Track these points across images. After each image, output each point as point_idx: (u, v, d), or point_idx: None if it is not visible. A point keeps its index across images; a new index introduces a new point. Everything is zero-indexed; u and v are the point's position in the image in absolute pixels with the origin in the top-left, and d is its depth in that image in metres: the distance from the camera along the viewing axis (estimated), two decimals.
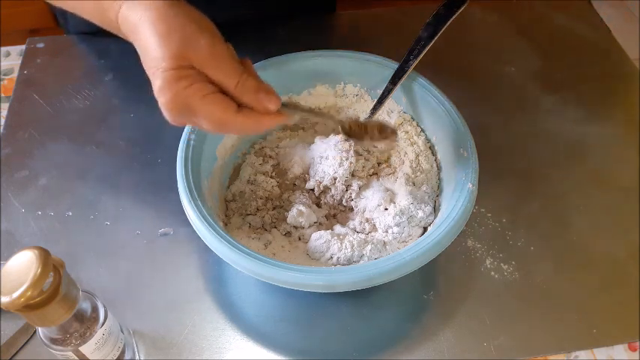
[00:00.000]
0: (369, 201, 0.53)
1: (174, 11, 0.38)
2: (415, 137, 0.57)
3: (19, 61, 0.73)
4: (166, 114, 0.39)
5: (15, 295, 0.32)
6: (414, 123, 0.58)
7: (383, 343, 0.51)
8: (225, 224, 0.53)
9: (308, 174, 0.56)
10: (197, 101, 0.38)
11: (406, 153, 0.57)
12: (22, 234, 0.56)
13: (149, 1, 0.38)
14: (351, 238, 0.49)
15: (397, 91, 0.55)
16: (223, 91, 0.39)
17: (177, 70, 0.37)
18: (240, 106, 0.40)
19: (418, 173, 0.55)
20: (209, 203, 0.49)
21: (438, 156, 0.56)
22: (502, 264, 0.55)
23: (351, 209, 0.55)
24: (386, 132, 0.50)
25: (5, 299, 0.33)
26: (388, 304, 0.53)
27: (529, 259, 0.56)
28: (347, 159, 0.54)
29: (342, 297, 0.53)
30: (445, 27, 0.54)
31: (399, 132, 0.58)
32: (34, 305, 0.34)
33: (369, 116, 0.56)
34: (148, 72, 0.39)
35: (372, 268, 0.43)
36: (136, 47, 0.40)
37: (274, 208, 0.55)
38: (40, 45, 0.75)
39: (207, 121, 0.39)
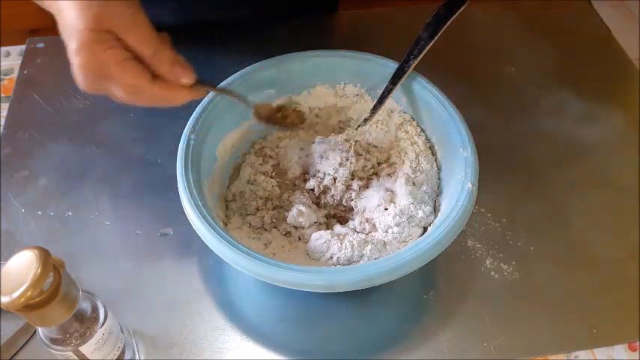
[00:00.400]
0: (369, 201, 0.53)
1: None
2: (415, 137, 0.57)
3: (19, 61, 0.73)
4: (80, 77, 0.39)
5: (15, 295, 0.32)
6: (414, 123, 0.58)
7: (383, 343, 0.51)
8: (225, 224, 0.53)
9: (308, 174, 0.56)
10: (112, 66, 0.38)
11: (406, 153, 0.57)
12: (22, 234, 0.56)
13: None
14: (351, 238, 0.49)
15: (397, 91, 0.55)
16: (139, 60, 0.39)
17: (95, 32, 0.37)
18: (155, 77, 0.40)
19: (418, 173, 0.55)
20: (209, 203, 0.49)
21: (438, 156, 0.56)
22: (502, 264, 0.55)
23: (351, 209, 0.55)
24: (292, 117, 0.54)
25: (5, 299, 0.33)
26: (388, 304, 0.53)
27: (529, 259, 0.56)
28: (347, 159, 0.54)
29: (342, 297, 0.53)
30: (445, 27, 0.54)
31: (399, 132, 0.58)
32: (34, 305, 0.34)
33: (369, 116, 0.56)
34: (64, 35, 0.38)
35: (372, 268, 0.43)
36: (54, 13, 0.39)
37: (274, 208, 0.55)
38: (40, 45, 0.75)
39: (120, 87, 0.39)
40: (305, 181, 0.56)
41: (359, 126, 0.57)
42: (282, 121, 0.57)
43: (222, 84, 0.54)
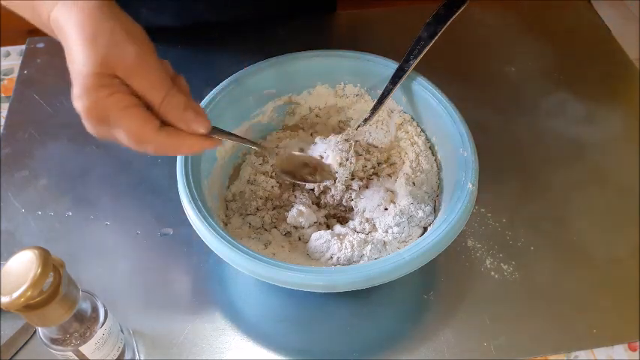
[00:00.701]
0: (369, 201, 0.53)
1: (104, 15, 0.36)
2: (415, 137, 0.57)
3: (19, 61, 0.73)
4: (85, 123, 0.36)
5: (15, 295, 0.32)
6: (414, 123, 0.58)
7: (383, 343, 0.51)
8: (225, 224, 0.53)
9: None
10: (116, 112, 0.35)
11: (406, 153, 0.57)
12: (22, 234, 0.56)
13: (80, 2, 0.36)
14: (351, 238, 0.49)
15: (397, 91, 0.55)
16: (148, 106, 0.37)
17: (99, 77, 0.35)
18: (164, 124, 0.38)
19: (418, 173, 0.55)
20: (209, 203, 0.49)
21: (438, 156, 0.56)
22: (502, 264, 0.55)
23: (351, 209, 0.55)
24: (323, 172, 0.50)
25: (5, 299, 0.33)
26: (388, 304, 0.53)
27: (529, 259, 0.56)
28: (347, 159, 0.54)
29: (342, 297, 0.53)
30: (445, 27, 0.54)
31: (399, 132, 0.58)
32: (34, 305, 0.34)
33: (369, 116, 0.56)
34: (71, 76, 0.36)
35: (372, 268, 0.43)
36: (64, 50, 0.38)
37: (274, 208, 0.55)
38: (40, 45, 0.75)
39: (125, 135, 0.36)
40: None
41: (359, 126, 0.57)
42: (310, 177, 0.53)
43: (222, 83, 0.54)
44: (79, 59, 0.35)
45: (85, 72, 0.35)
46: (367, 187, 0.55)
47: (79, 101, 0.35)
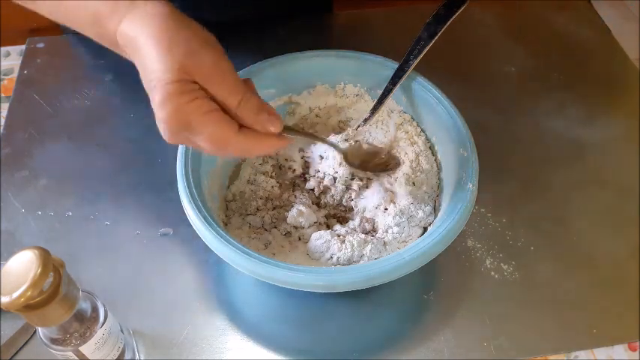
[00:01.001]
0: (369, 201, 0.53)
1: (177, 25, 0.37)
2: (415, 137, 0.57)
3: (19, 61, 0.73)
4: (165, 130, 0.37)
5: (15, 295, 0.33)
6: (414, 123, 0.58)
7: (383, 343, 0.51)
8: (225, 224, 0.53)
9: (308, 174, 0.56)
10: (198, 118, 0.36)
11: (406, 153, 0.57)
12: (22, 234, 0.56)
13: (151, 14, 0.37)
14: (351, 238, 0.49)
15: (397, 91, 0.55)
16: (225, 111, 0.38)
17: (180, 83, 0.36)
18: (241, 127, 0.39)
19: (418, 173, 0.55)
20: (209, 203, 0.49)
21: (438, 156, 0.56)
22: (502, 264, 0.55)
23: (351, 209, 0.55)
24: (389, 163, 0.51)
25: (5, 299, 0.33)
26: (388, 304, 0.53)
27: (529, 259, 0.56)
28: None
29: (342, 297, 0.53)
30: (445, 27, 0.54)
31: (399, 132, 0.58)
32: (34, 305, 0.34)
33: (369, 116, 0.56)
34: (147, 87, 0.37)
35: (372, 268, 0.43)
36: (135, 62, 0.38)
37: (274, 208, 0.55)
38: (40, 45, 0.75)
39: (207, 139, 0.37)
40: (305, 181, 0.56)
41: (359, 126, 0.57)
42: (379, 167, 0.54)
43: None
44: (158, 68, 0.36)
45: (166, 79, 0.35)
46: (367, 187, 0.55)
47: (161, 109, 0.36)
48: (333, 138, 0.55)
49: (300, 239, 0.53)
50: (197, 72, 0.36)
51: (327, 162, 0.54)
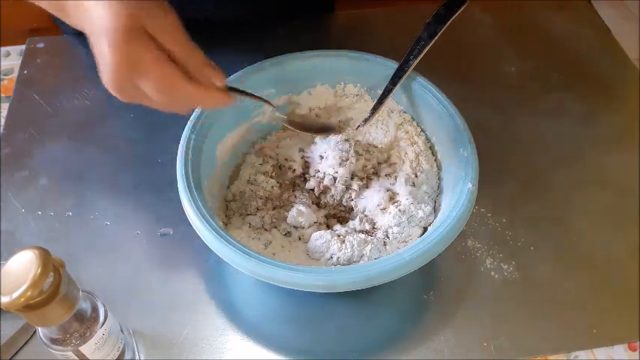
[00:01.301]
0: (369, 201, 0.53)
1: None
2: (415, 137, 0.57)
3: (19, 61, 0.73)
4: (113, 78, 0.37)
5: (15, 295, 0.32)
6: (414, 123, 0.58)
7: (383, 343, 0.51)
8: (225, 224, 0.53)
9: (308, 174, 0.56)
10: (149, 63, 0.37)
11: (406, 153, 0.57)
12: (22, 234, 0.56)
13: None
14: (351, 238, 0.49)
15: (397, 91, 0.55)
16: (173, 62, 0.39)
17: (130, 31, 0.36)
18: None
19: (418, 173, 0.55)
20: (209, 203, 0.49)
21: (438, 156, 0.56)
22: (502, 264, 0.55)
23: (351, 209, 0.55)
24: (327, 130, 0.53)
25: (5, 299, 0.33)
26: (388, 304, 0.53)
27: (529, 259, 0.56)
28: (347, 159, 0.54)
29: (342, 297, 0.53)
30: (445, 27, 0.54)
31: (399, 132, 0.58)
32: (34, 305, 0.34)
33: (369, 116, 0.56)
34: (95, 37, 0.37)
35: (372, 268, 0.43)
36: (81, 22, 0.38)
37: (274, 208, 0.55)
38: (40, 45, 0.75)
39: (155, 84, 0.38)
40: (305, 181, 0.56)
41: (359, 126, 0.57)
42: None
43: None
44: (106, 14, 0.36)
45: (115, 26, 0.36)
46: (367, 187, 0.55)
47: (111, 54, 0.36)
48: (332, 138, 0.56)
49: (300, 239, 0.53)
50: (147, 22, 0.37)
51: (327, 162, 0.54)
